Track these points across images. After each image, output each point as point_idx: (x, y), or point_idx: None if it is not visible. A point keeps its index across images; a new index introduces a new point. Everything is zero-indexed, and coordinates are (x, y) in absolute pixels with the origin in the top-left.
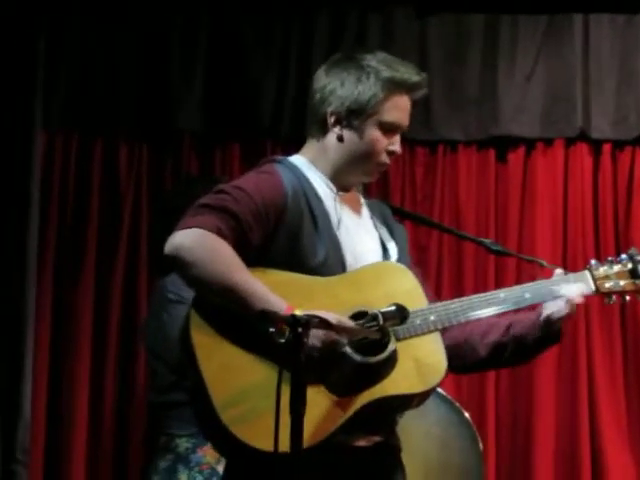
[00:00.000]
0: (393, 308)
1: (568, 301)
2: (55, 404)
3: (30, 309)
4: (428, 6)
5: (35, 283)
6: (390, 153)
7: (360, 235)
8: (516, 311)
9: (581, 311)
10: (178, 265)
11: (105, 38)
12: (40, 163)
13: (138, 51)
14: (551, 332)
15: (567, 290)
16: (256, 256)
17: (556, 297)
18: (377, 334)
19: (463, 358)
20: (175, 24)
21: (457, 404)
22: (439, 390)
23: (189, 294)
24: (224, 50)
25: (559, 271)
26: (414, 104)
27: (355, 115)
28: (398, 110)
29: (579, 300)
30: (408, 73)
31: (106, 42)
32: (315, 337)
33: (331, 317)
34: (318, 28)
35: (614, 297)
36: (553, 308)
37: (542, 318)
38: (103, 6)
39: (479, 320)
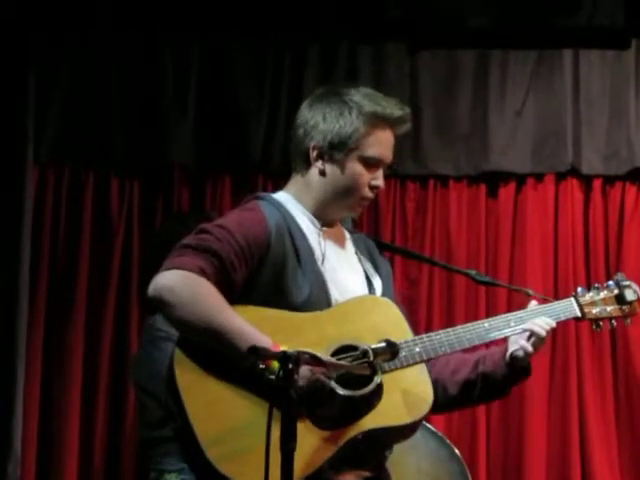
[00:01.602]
0: (384, 344)
1: (532, 335)
2: (46, 439)
3: (21, 343)
4: (419, 41)
5: (27, 317)
6: (373, 188)
7: (345, 270)
8: (501, 341)
9: (572, 345)
10: (162, 307)
11: (96, 73)
12: (31, 197)
13: (129, 86)
14: (518, 368)
15: (532, 325)
16: (241, 293)
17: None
18: (367, 370)
19: (435, 398)
20: (166, 59)
21: (448, 440)
22: (429, 426)
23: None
24: (215, 85)
25: (534, 302)
26: (403, 139)
27: (337, 150)
28: (380, 145)
29: (542, 332)
30: (390, 108)
31: (97, 77)
32: (302, 373)
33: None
34: (309, 62)
35: (601, 323)
36: (518, 344)
37: (507, 355)
38: (94, 41)
39: (463, 350)
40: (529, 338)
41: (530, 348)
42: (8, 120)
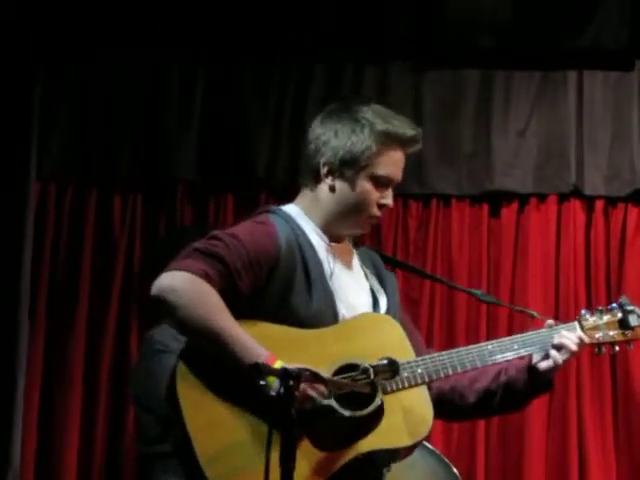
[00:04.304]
0: (384, 362)
1: (564, 349)
2: (44, 453)
3: (22, 356)
4: (424, 60)
5: (27, 331)
6: (381, 206)
7: (352, 286)
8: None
9: (572, 364)
10: (164, 306)
11: (100, 88)
12: (33, 211)
13: (134, 101)
14: (540, 381)
15: (563, 339)
16: (248, 305)
17: (545, 347)
18: (367, 388)
19: (452, 405)
20: (171, 75)
21: (446, 459)
22: (427, 444)
23: (177, 345)
24: (220, 101)
25: (550, 322)
26: (407, 157)
27: (348, 166)
28: (391, 164)
29: (574, 348)
30: (403, 127)
31: (101, 92)
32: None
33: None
34: (314, 80)
35: (604, 348)
36: (541, 357)
37: (531, 367)
38: (99, 56)
39: (465, 372)
40: (559, 350)
41: (560, 360)
42: (12, 135)
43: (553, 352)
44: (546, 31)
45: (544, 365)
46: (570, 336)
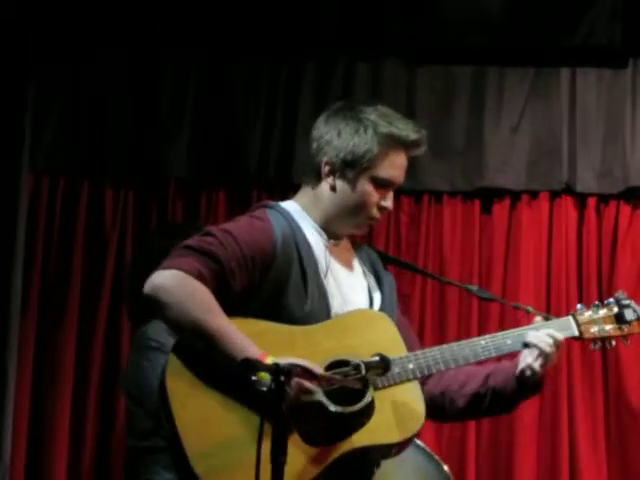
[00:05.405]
0: (376, 358)
1: (539, 351)
2: (35, 449)
3: (12, 352)
4: (417, 56)
5: (18, 324)
6: (381, 208)
7: (348, 284)
8: (499, 359)
9: (564, 363)
10: (156, 305)
11: (94, 83)
12: (26, 205)
13: (127, 97)
14: (528, 383)
15: (533, 339)
16: (241, 301)
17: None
18: (359, 384)
19: (442, 409)
20: (164, 72)
21: (436, 456)
22: (418, 442)
23: (169, 341)
24: (212, 97)
25: (538, 318)
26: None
27: (349, 167)
28: (393, 167)
29: (549, 349)
30: (407, 130)
31: (95, 87)
32: (290, 385)
33: (312, 366)
34: (305, 76)
35: (599, 343)
36: (529, 359)
37: (518, 369)
38: (93, 52)
39: (459, 367)
40: (537, 356)
41: (537, 367)
42: (5, 127)
43: (529, 360)
44: (539, 28)
45: (526, 371)
46: (540, 336)
